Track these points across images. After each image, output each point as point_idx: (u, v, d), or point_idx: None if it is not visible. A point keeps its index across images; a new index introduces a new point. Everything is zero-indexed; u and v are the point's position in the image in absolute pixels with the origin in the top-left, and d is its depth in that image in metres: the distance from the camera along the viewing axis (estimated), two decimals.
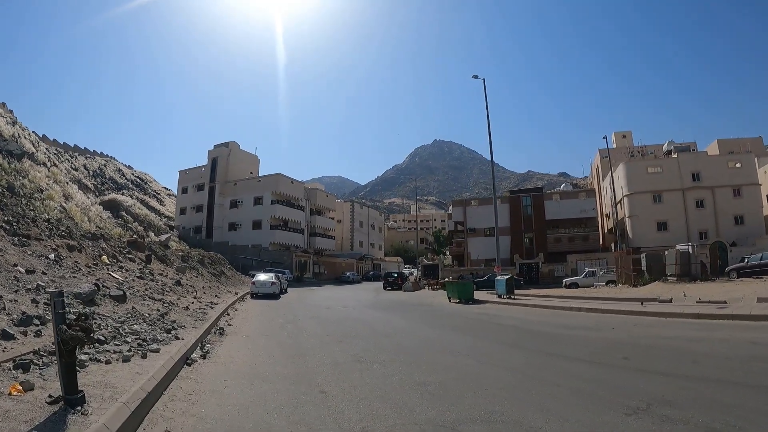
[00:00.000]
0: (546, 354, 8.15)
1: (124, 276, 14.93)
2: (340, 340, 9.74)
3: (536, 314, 16.11)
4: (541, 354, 8.16)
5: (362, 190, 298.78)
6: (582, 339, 9.91)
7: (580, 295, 21.78)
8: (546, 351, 8.44)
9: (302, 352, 8.33)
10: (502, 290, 22.04)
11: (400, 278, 41.17)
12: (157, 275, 18.73)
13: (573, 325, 12.63)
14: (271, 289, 25.48)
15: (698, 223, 44.80)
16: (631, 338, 9.82)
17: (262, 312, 17.07)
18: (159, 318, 9.32)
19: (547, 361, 7.41)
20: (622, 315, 14.57)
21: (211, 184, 58.64)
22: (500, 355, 8.11)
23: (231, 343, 9.18)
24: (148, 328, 8.08)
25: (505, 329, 11.94)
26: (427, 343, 9.45)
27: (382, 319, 15.10)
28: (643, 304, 15.08)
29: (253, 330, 11.48)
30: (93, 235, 20.00)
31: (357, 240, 75.83)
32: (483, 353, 8.28)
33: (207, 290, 20.93)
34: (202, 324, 10.16)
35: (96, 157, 66.34)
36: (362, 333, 11.03)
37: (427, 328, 12.29)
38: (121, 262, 18.39)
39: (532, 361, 7.43)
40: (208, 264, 32.77)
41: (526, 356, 7.96)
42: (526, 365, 7.14)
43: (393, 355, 8.05)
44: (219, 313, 13.27)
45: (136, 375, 5.10)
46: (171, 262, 24.76)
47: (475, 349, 8.70)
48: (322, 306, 20.57)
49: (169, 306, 11.67)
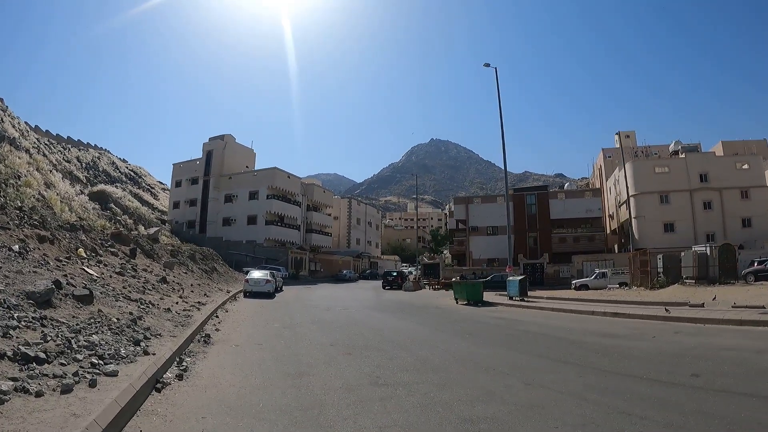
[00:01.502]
0: (601, 371, 6.69)
1: (101, 272, 13.28)
2: (347, 352, 8.18)
3: (559, 319, 14.64)
4: (596, 372, 6.69)
5: (358, 188, 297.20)
6: (629, 350, 8.47)
7: (598, 298, 20.34)
8: (598, 367, 7.00)
9: (304, 369, 6.75)
10: (514, 292, 20.54)
11: (400, 277, 39.69)
12: (141, 271, 17.08)
13: (607, 332, 11.18)
14: (265, 288, 23.87)
15: (705, 225, 43.74)
16: (684, 349, 8.44)
17: (256, 314, 15.46)
18: (130, 324, 7.70)
19: (608, 382, 5.99)
20: (655, 321, 13.20)
21: (205, 178, 56.86)
22: (548, 374, 6.59)
23: (217, 356, 7.57)
24: (111, 338, 6.47)
25: (534, 338, 10.43)
26: (454, 357, 7.90)
27: (390, 323, 13.55)
28: (668, 311, 13.58)
29: (244, 337, 9.87)
30: (71, 225, 18.31)
31: (354, 237, 74.28)
32: (526, 371, 6.78)
33: (196, 288, 19.28)
34: (184, 331, 8.53)
35: (90, 150, 65.15)
36: (372, 342, 9.47)
37: (447, 336, 10.74)
38: (101, 256, 16.72)
39: (591, 382, 5.98)
40: (200, 260, 31.07)
41: (579, 375, 6.48)
42: (587, 388, 5.68)
43: (417, 374, 6.51)
44: (206, 316, 11.66)
45: (71, 418, 3.51)
46: (158, 257, 23.08)
47: (514, 365, 7.18)
48: (321, 307, 19.00)
49: (147, 307, 10.04)
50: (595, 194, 49.41)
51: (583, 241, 45.57)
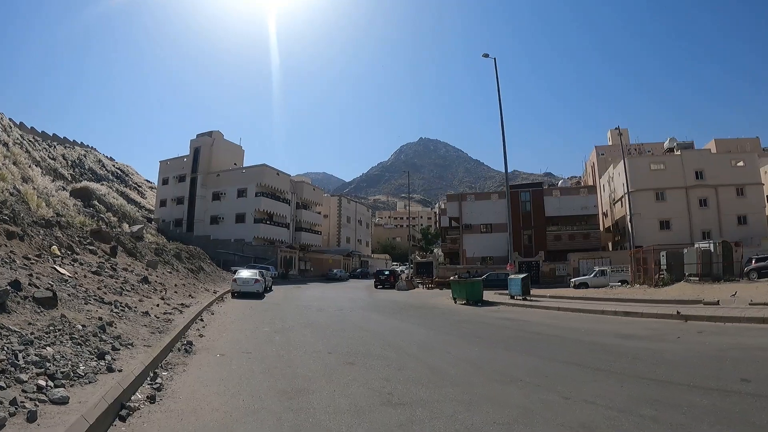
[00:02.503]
0: (640, 379, 5.89)
1: (74, 271, 12.12)
2: (349, 361, 7.18)
3: (569, 319, 13.80)
4: (636, 380, 5.87)
5: (347, 187, 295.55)
6: (660, 354, 7.67)
7: (603, 297, 19.58)
8: (635, 374, 6.20)
9: (301, 384, 5.74)
10: (516, 291, 19.66)
11: (393, 276, 38.82)
12: (121, 270, 15.92)
13: (626, 333, 10.37)
14: (254, 288, 22.74)
15: (701, 223, 43.44)
16: (718, 351, 7.72)
17: (244, 316, 14.37)
18: (97, 331, 6.61)
19: (655, 392, 5.23)
20: (671, 320, 12.49)
21: (193, 175, 55.26)
22: (584, 384, 5.73)
23: (198, 369, 6.51)
24: (71, 350, 5.40)
25: (549, 340, 9.53)
26: (471, 366, 6.95)
27: (390, 326, 12.57)
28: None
29: (231, 344, 8.79)
30: (47, 221, 17.09)
31: (344, 236, 73.12)
32: (557, 381, 5.89)
33: (180, 289, 18.13)
34: (161, 338, 7.44)
35: (76, 147, 63.46)
36: (375, 349, 8.48)
37: (455, 340, 9.81)
38: (78, 254, 15.56)
39: (637, 394, 5.19)
40: (186, 259, 29.83)
41: (620, 385, 5.65)
42: (635, 401, 4.87)
43: (434, 389, 5.55)
44: (190, 320, 10.56)
45: None
46: (141, 256, 21.87)
47: (541, 374, 6.28)
48: (313, 307, 17.96)
49: (122, 311, 8.94)
50: (591, 191, 48.86)
51: (579, 238, 44.98)
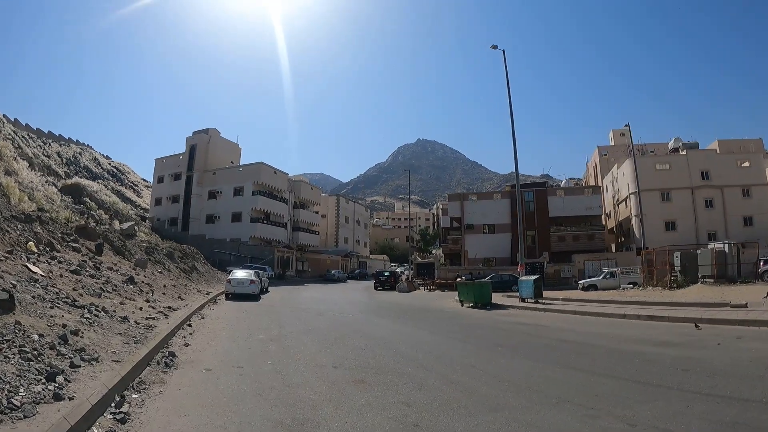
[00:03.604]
0: (704, 396, 4.94)
1: (50, 270, 10.96)
2: (359, 379, 6.07)
3: (589, 324, 12.73)
4: (699, 397, 4.92)
5: (344, 188, 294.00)
6: (709, 363, 6.69)
7: (619, 300, 18.56)
8: (694, 389, 5.24)
9: (303, 413, 4.60)
10: (527, 293, 18.58)
11: (393, 278, 37.68)
12: (105, 270, 14.77)
13: (659, 339, 9.35)
14: (249, 289, 21.60)
15: (707, 224, 42.65)
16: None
17: (237, 320, 13.23)
18: (56, 343, 5.47)
19: (730, 413, 4.34)
20: (700, 324, 11.28)
21: (188, 173, 53.98)
22: (642, 404, 4.77)
23: (178, 390, 5.35)
24: (15, 369, 4.27)
25: (579, 349, 8.40)
26: (504, 383, 5.83)
27: (399, 332, 11.46)
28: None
29: (219, 356, 7.64)
30: (27, 216, 15.90)
31: (342, 236, 71.97)
32: (610, 400, 4.92)
33: (170, 290, 16.96)
34: (137, 350, 6.28)
35: (71, 145, 62.47)
36: (386, 361, 7.37)
37: (476, 350, 8.68)
38: (58, 251, 14.43)
39: (710, 415, 4.28)
40: (178, 258, 28.62)
41: (682, 402, 4.72)
42: (713, 425, 3.97)
43: (470, 416, 4.44)
44: (175, 325, 9.42)
45: None
46: (130, 255, 20.70)
47: (589, 393, 5.23)
48: (312, 311, 16.83)
49: (96, 316, 7.79)
50: (595, 191, 47.90)
51: (583, 239, 43.98)
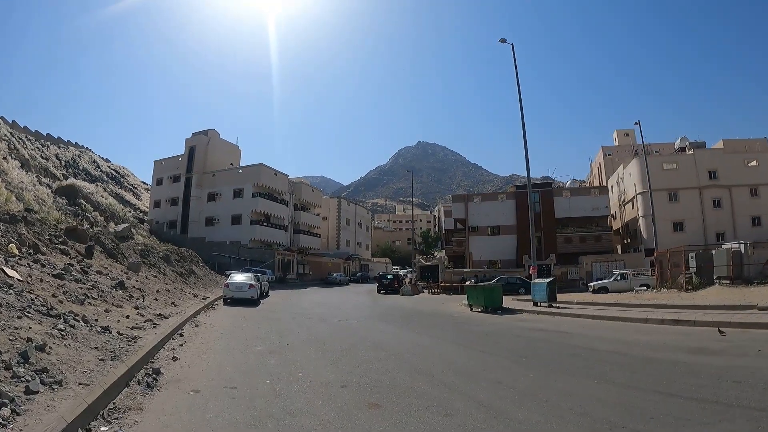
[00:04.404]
0: None
1: (29, 273, 10.09)
2: (373, 402, 5.18)
3: (610, 330, 11.86)
4: (764, 414, 4.21)
5: (345, 191, 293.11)
6: (758, 372, 5.93)
7: (636, 303, 17.71)
8: (756, 406, 4.53)
9: None
10: (541, 296, 17.71)
11: (397, 281, 36.80)
12: (93, 274, 13.92)
13: (692, 346, 8.54)
14: (248, 294, 20.70)
15: (715, 224, 41.89)
16: None
17: (234, 329, 12.33)
18: (14, 361, 4.56)
19: None
20: (730, 328, 10.39)
21: (187, 175, 53.20)
22: (703, 427, 3.98)
23: (157, 420, 4.41)
24: None
25: (612, 359, 7.45)
26: (542, 404, 4.91)
27: (409, 341, 10.57)
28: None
29: (212, 372, 6.70)
30: (11, 217, 15.06)
31: (343, 239, 71.09)
32: (668, 425, 4.13)
33: (163, 295, 16.08)
34: (112, 369, 5.37)
35: (70, 148, 61.93)
36: (401, 378, 6.47)
37: (498, 361, 7.77)
38: (43, 253, 13.58)
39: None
40: (175, 261, 27.77)
41: (751, 423, 4.00)
42: None
43: None
44: (164, 336, 8.53)
45: None
46: (124, 258, 19.85)
47: (642, 414, 4.38)
48: (314, 317, 15.94)
49: (71, 327, 6.90)
50: (602, 191, 47.03)
51: (590, 241, 43.09)
